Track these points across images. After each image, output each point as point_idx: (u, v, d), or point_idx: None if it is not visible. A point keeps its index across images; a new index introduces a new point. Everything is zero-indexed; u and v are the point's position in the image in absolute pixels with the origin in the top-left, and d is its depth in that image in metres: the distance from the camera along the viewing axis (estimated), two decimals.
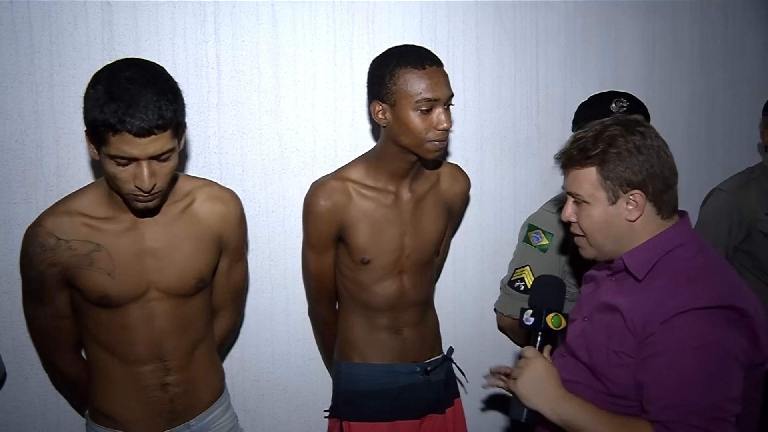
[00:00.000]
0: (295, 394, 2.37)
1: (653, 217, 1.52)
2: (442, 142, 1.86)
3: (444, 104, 1.83)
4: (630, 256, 1.52)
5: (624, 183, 1.49)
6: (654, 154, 1.49)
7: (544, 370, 1.53)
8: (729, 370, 1.36)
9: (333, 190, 1.95)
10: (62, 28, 1.99)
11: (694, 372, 1.35)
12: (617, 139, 1.49)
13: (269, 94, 2.23)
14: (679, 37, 2.94)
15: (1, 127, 1.96)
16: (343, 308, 2.09)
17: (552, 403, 1.49)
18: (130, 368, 1.75)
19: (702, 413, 1.32)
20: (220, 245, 1.84)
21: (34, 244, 1.66)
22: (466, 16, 2.50)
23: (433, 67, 1.82)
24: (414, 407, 2.06)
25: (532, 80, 2.66)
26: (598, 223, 1.54)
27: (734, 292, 1.43)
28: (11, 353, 2.01)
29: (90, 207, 1.69)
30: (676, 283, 1.44)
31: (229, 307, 2.02)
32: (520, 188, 2.67)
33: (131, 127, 1.46)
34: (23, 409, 2.06)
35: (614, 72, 2.79)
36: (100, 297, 1.68)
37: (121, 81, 1.48)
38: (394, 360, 2.04)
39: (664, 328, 1.39)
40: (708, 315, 1.37)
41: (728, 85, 3.06)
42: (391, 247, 1.97)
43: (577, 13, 2.71)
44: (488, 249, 2.63)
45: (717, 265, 1.51)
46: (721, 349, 1.36)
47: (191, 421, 1.82)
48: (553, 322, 1.62)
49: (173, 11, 2.09)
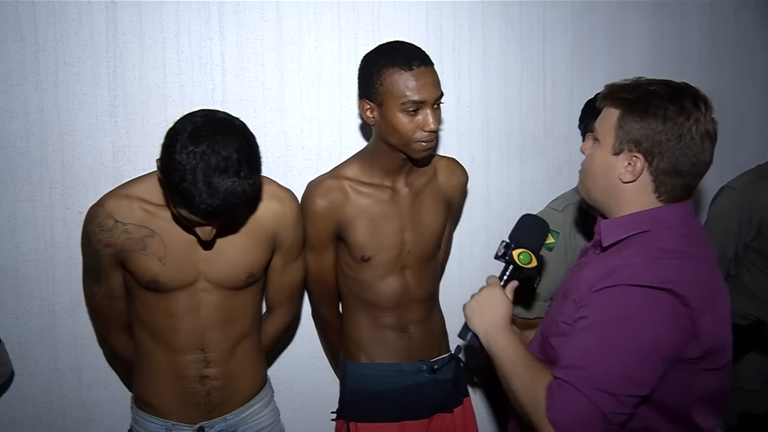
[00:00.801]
0: (300, 392, 2.37)
1: (647, 191, 1.44)
2: (429, 143, 1.84)
3: (432, 105, 1.80)
4: (608, 225, 1.48)
5: (632, 140, 1.41)
6: (677, 134, 1.38)
7: (494, 298, 1.55)
8: (639, 350, 1.31)
9: (329, 189, 1.94)
10: (67, 26, 2.00)
11: (603, 341, 1.32)
12: (654, 98, 1.39)
13: (274, 91, 2.23)
14: (687, 34, 2.90)
15: (5, 125, 1.97)
16: (348, 308, 2.08)
17: (487, 328, 1.51)
18: (171, 356, 1.78)
19: (592, 381, 1.29)
20: (273, 243, 1.85)
21: (93, 223, 1.71)
22: (472, 13, 2.49)
23: (420, 67, 1.78)
24: (421, 407, 2.04)
25: (538, 77, 2.64)
26: (595, 165, 1.49)
27: (686, 280, 1.35)
28: (17, 350, 2.03)
29: (150, 194, 1.73)
30: (630, 258, 1.39)
31: (284, 306, 2.02)
32: (527, 186, 2.65)
33: (206, 214, 1.52)
34: (29, 406, 2.07)
35: (622, 69, 2.75)
36: (150, 281, 1.72)
37: (208, 169, 1.48)
38: (401, 359, 2.02)
39: (596, 296, 1.37)
40: (640, 292, 1.32)
41: (738, 83, 3.02)
42: (391, 242, 1.96)
43: (585, 10, 2.68)
44: (495, 247, 2.58)
45: (688, 255, 1.41)
46: (640, 326, 1.31)
47: (228, 414, 1.85)
48: (521, 258, 1.61)
49: (177, 9, 2.10)
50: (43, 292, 2.05)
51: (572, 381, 1.30)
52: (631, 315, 1.32)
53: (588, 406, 1.28)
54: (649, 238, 1.42)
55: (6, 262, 2.00)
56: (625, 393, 1.30)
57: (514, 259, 1.61)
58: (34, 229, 2.02)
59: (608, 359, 1.31)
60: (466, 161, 2.52)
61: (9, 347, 1.96)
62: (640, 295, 1.32)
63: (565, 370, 1.33)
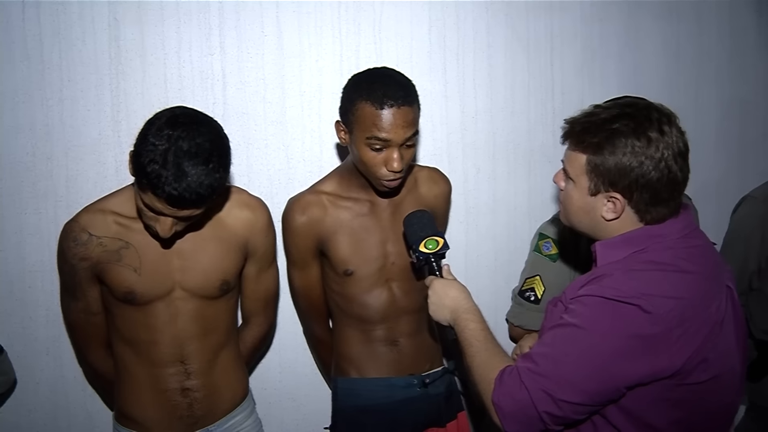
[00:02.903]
0: (302, 402, 2.39)
1: (633, 221, 1.45)
2: (392, 181, 1.83)
3: (400, 145, 1.78)
4: (603, 246, 1.49)
5: (607, 182, 1.42)
6: (651, 166, 1.39)
7: (440, 288, 1.63)
8: (590, 362, 1.33)
9: (308, 204, 1.96)
10: (71, 45, 2.07)
11: (562, 346, 1.37)
12: (619, 137, 1.40)
13: (275, 105, 2.26)
14: (705, 39, 2.83)
15: (12, 141, 2.04)
16: (337, 324, 2.09)
17: (450, 314, 1.59)
18: (152, 370, 1.81)
19: (537, 380, 1.34)
20: (245, 250, 1.89)
21: (69, 238, 1.76)
22: (477, 22, 2.48)
23: (393, 108, 1.75)
24: (413, 422, 2.03)
25: (547, 87, 2.61)
26: (574, 205, 1.50)
27: (658, 294, 1.34)
28: (23, 359, 2.10)
29: (123, 207, 1.78)
30: (610, 269, 1.42)
31: (260, 315, 2.04)
32: (535, 197, 2.62)
33: (169, 198, 1.54)
34: (34, 413, 2.14)
35: (635, 77, 2.71)
36: (126, 293, 1.74)
37: (178, 152, 1.53)
38: (391, 373, 2.02)
39: (573, 302, 1.40)
40: (607, 305, 1.34)
41: (760, 89, 2.93)
42: (373, 255, 1.96)
43: (595, 16, 2.64)
44: (502, 259, 2.59)
45: (673, 267, 1.40)
46: (598, 339, 1.33)
47: (211, 426, 1.87)
48: (429, 246, 1.69)
49: (179, 25, 2.15)
50: (48, 302, 2.11)
51: (521, 371, 1.36)
52: (595, 326, 1.34)
53: (527, 398, 1.34)
54: (640, 253, 1.43)
55: (12, 273, 2.08)
56: (563, 398, 1.33)
57: (426, 252, 1.68)
58: (40, 241, 2.09)
59: (559, 363, 1.35)
60: (471, 172, 2.52)
61: (15, 356, 2.03)
62: (608, 308, 1.34)
63: (522, 360, 1.40)
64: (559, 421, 1.37)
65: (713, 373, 1.40)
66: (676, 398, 1.38)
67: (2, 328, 2.01)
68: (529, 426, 1.37)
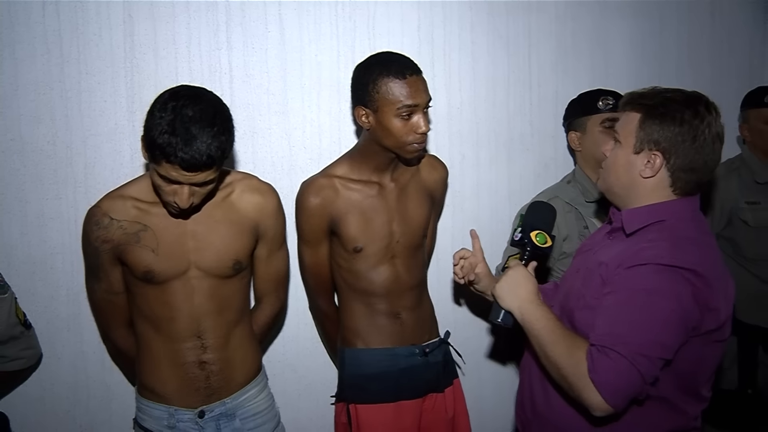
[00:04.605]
0: (304, 374, 2.54)
1: (664, 186, 1.60)
2: (421, 144, 2.00)
3: (423, 109, 1.97)
4: (629, 213, 1.64)
5: (652, 141, 1.57)
6: (692, 135, 1.55)
7: (522, 277, 1.69)
8: (666, 319, 1.47)
9: (321, 187, 2.08)
10: (88, 40, 2.18)
11: (635, 311, 1.48)
12: (671, 104, 1.57)
13: (278, 96, 2.41)
14: (666, 37, 3.06)
15: (34, 130, 2.15)
16: (343, 298, 2.21)
17: (521, 303, 1.65)
18: (171, 345, 1.91)
19: (629, 345, 1.45)
20: (256, 233, 1.99)
21: (91, 222, 1.87)
22: (462, 21, 2.66)
23: (413, 76, 1.94)
24: (415, 387, 2.16)
25: (525, 80, 2.81)
26: (618, 164, 1.64)
27: (704, 262, 1.51)
28: (46, 335, 2.20)
29: (141, 193, 1.88)
30: (655, 242, 1.54)
31: (272, 295, 2.14)
32: (515, 182, 2.81)
33: (183, 162, 1.64)
34: (57, 386, 2.25)
35: (604, 71, 2.92)
36: (146, 272, 1.85)
37: (184, 119, 1.64)
38: (395, 344, 2.15)
39: (626, 272, 1.52)
40: (666, 270, 1.48)
41: (716, 82, 3.17)
42: (381, 233, 2.11)
43: (568, 15, 2.85)
44: (485, 239, 2.69)
45: (703, 242, 1.58)
46: (667, 299, 1.47)
47: (226, 398, 1.96)
48: (538, 239, 1.78)
49: (189, 22, 2.28)
50: (69, 282, 2.23)
51: (611, 345, 1.46)
52: (659, 289, 1.48)
53: (628, 366, 1.44)
54: (667, 226, 1.58)
55: (36, 255, 2.19)
56: (657, 356, 1.46)
57: (533, 241, 1.78)
58: (60, 224, 2.20)
59: (641, 327, 1.47)
60: (456, 159, 2.70)
61: (39, 332, 2.14)
62: (667, 273, 1.48)
63: (602, 336, 1.49)
64: (654, 379, 1.49)
65: (729, 331, 1.61)
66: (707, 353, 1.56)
67: (26, 306, 2.11)
68: (631, 391, 1.47)
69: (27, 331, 2.05)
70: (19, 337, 2.01)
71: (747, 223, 2.68)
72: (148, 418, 1.95)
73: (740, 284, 2.68)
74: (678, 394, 1.58)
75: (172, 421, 1.93)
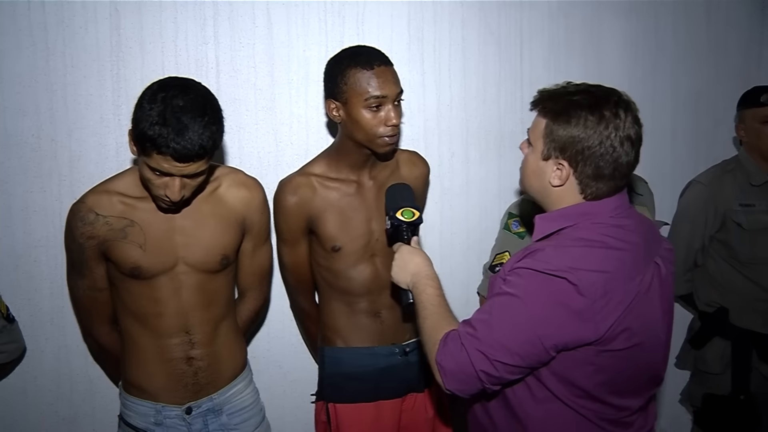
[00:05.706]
0: (289, 370, 2.54)
1: (574, 193, 1.55)
2: (392, 137, 1.98)
3: (393, 101, 1.95)
4: (540, 219, 1.61)
5: (558, 148, 1.52)
6: (597, 141, 1.49)
7: (407, 254, 1.73)
8: (516, 324, 1.45)
9: (298, 186, 2.07)
10: (74, 32, 2.18)
11: (493, 311, 1.49)
12: (576, 108, 1.50)
13: (265, 91, 2.40)
14: (661, 36, 3.04)
15: (19, 123, 2.15)
16: (323, 297, 2.20)
17: (411, 278, 1.68)
18: (158, 341, 1.90)
19: (477, 342, 1.46)
20: (243, 227, 2.00)
21: (76, 218, 1.84)
22: (452, 17, 2.64)
23: (381, 66, 1.93)
24: (395, 387, 2.15)
25: (516, 78, 2.79)
26: (528, 168, 1.62)
27: (584, 269, 1.44)
28: (30, 328, 2.21)
29: (127, 187, 1.86)
30: (543, 245, 1.53)
31: (255, 289, 2.15)
32: (505, 179, 2.80)
33: (174, 153, 1.63)
34: (40, 378, 2.26)
35: (597, 69, 2.90)
36: (133, 268, 1.84)
37: (175, 109, 1.63)
38: (374, 343, 2.14)
39: (509, 275, 1.52)
40: (538, 277, 1.46)
41: (712, 82, 3.15)
42: (359, 232, 2.09)
43: (561, 12, 2.83)
44: (474, 236, 2.77)
45: (602, 244, 1.51)
46: (529, 307, 1.45)
47: (214, 394, 1.97)
48: (404, 215, 1.81)
49: (175, 15, 2.27)
50: (52, 275, 2.23)
51: (462, 335, 1.48)
52: (527, 296, 1.46)
53: (466, 359, 1.46)
54: (571, 229, 1.54)
55: (19, 248, 2.19)
56: (498, 359, 1.45)
57: (402, 219, 1.81)
58: (45, 217, 2.20)
59: (495, 328, 1.46)
60: (446, 156, 2.69)
61: (22, 325, 2.14)
62: (539, 280, 1.46)
63: (463, 325, 1.52)
64: (495, 380, 1.48)
65: (636, 341, 1.51)
66: (600, 363, 1.50)
67: (10, 300, 2.11)
68: (468, 384, 1.48)
69: (10, 325, 2.05)
70: (2, 331, 2.02)
71: (741, 226, 2.65)
72: (134, 415, 1.95)
73: (734, 288, 2.72)
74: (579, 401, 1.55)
75: (159, 418, 1.93)
